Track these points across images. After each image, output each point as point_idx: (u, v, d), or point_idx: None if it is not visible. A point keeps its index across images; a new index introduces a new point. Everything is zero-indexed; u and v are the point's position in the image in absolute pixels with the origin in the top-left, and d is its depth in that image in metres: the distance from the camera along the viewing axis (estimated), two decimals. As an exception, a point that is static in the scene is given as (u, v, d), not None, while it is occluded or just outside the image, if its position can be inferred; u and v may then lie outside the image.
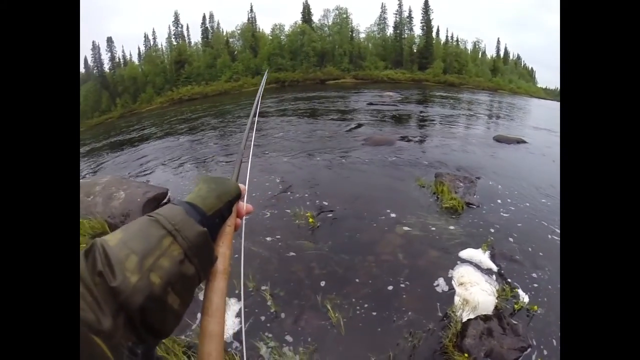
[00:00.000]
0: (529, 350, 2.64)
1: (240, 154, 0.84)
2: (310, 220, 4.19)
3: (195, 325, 2.69)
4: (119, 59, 52.57)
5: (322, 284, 3.23)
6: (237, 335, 2.67)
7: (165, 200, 5.26)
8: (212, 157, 8.06)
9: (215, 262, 0.57)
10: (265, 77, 2.28)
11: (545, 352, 2.66)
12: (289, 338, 2.69)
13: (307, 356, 2.53)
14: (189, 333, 2.68)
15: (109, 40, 50.12)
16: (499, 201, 5.13)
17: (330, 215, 4.50)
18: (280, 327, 2.79)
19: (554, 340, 2.77)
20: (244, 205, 0.70)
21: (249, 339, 2.62)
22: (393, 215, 4.47)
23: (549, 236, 4.29)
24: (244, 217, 0.71)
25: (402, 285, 3.22)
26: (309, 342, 2.66)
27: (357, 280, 3.29)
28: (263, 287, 3.08)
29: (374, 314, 2.90)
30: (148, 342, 0.47)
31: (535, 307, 3.01)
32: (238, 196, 0.66)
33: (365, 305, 2.98)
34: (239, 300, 2.79)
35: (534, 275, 3.50)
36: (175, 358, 2.39)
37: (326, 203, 4.82)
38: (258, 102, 1.12)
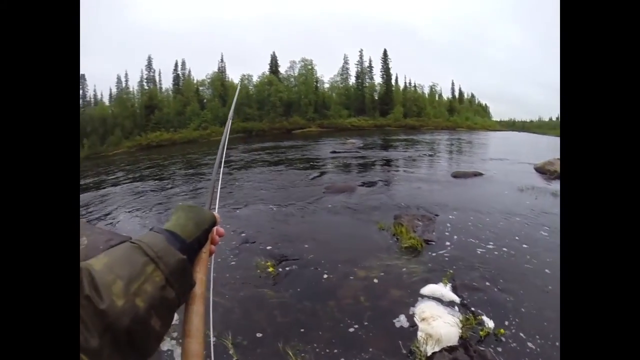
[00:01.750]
0: (500, 373, 2.63)
1: (212, 183, 0.88)
2: (271, 269, 4.18)
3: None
4: (90, 98, 51.59)
5: (285, 331, 3.17)
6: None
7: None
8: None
9: (194, 287, 0.61)
10: (234, 103, 1.77)
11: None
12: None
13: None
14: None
15: (82, 78, 49.01)
16: (457, 234, 5.33)
17: (292, 263, 4.50)
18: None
19: (525, 358, 2.79)
20: (219, 232, 0.74)
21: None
22: (353, 260, 4.51)
23: (506, 259, 4.49)
24: (218, 243, 0.74)
25: (364, 327, 3.21)
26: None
27: (318, 325, 3.25)
28: (225, 337, 2.98)
29: (337, 356, 2.85)
30: None
31: (502, 330, 3.03)
32: (214, 224, 0.70)
33: (328, 349, 2.93)
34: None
35: (497, 299, 3.56)
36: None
37: (287, 252, 4.83)
38: (227, 132, 1.14)
